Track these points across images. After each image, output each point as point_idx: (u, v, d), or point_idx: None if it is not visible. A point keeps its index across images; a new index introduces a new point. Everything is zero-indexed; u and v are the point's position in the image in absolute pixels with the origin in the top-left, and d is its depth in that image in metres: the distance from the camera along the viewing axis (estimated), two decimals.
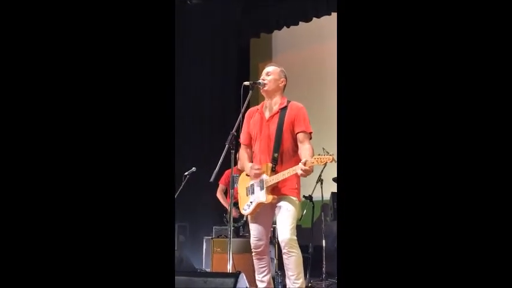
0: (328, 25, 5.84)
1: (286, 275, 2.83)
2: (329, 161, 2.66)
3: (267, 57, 7.01)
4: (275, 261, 4.29)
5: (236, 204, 3.40)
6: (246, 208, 2.98)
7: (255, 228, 2.94)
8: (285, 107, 2.96)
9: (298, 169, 2.71)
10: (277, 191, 2.85)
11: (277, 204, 2.85)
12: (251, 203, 2.93)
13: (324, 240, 4.69)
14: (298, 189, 2.90)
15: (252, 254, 2.95)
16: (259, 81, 3.00)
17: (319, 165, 2.72)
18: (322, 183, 4.72)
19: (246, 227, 4.55)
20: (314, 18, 6.30)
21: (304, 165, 2.67)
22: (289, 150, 2.90)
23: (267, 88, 2.98)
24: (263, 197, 2.85)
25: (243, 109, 2.90)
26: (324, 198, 4.73)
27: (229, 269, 2.78)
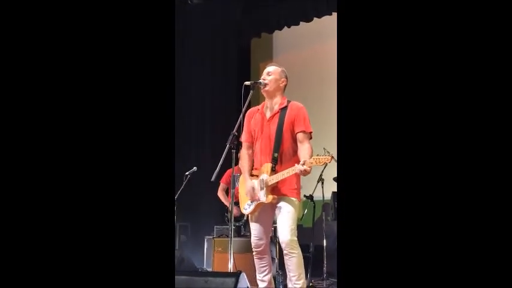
0: (329, 25, 5.81)
1: (287, 275, 2.84)
2: (328, 161, 2.67)
3: (268, 57, 7.00)
4: (276, 260, 4.28)
5: (237, 203, 3.40)
6: (246, 207, 2.98)
7: (255, 228, 2.94)
8: (285, 107, 2.96)
9: (296, 169, 2.71)
10: (277, 191, 2.86)
11: (277, 204, 2.85)
12: (251, 202, 2.94)
13: (324, 240, 4.70)
14: (298, 189, 2.91)
15: (253, 253, 2.95)
16: (260, 81, 3.00)
17: (318, 165, 2.72)
18: (323, 183, 4.73)
19: (247, 226, 4.54)
20: (315, 18, 6.28)
21: (303, 165, 2.68)
22: (289, 150, 2.90)
23: (267, 88, 2.98)
24: (263, 197, 2.86)
25: (244, 109, 2.90)
26: (324, 198, 4.73)
27: (230, 268, 2.78)
